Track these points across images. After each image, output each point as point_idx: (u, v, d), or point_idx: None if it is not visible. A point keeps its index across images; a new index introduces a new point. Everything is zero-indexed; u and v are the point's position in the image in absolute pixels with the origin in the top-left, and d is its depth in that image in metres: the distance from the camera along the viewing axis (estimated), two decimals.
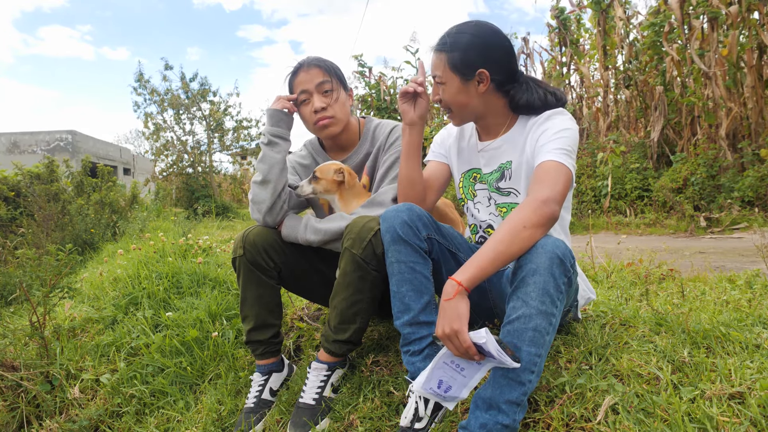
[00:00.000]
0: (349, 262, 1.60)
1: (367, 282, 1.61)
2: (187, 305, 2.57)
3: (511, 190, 1.61)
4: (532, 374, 1.23)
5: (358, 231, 1.59)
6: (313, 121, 1.84)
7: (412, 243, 1.47)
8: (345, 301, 1.64)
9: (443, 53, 1.54)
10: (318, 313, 2.48)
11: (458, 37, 1.53)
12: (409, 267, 1.47)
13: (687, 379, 1.35)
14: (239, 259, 1.76)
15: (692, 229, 6.04)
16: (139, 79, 14.22)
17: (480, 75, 1.52)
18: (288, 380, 1.91)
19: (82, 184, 6.91)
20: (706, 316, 1.81)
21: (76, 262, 4.95)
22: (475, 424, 1.24)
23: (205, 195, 13.88)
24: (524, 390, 1.23)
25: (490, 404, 1.24)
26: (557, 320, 1.27)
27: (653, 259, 3.18)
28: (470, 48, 1.51)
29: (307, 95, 1.83)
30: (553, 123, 1.49)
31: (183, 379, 2.14)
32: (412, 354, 1.47)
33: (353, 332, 1.68)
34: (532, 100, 1.55)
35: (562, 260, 1.25)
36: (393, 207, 1.53)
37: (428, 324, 1.46)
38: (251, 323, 1.81)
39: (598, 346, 1.55)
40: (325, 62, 1.86)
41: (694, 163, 7.15)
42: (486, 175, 1.66)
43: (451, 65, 1.52)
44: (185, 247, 3.46)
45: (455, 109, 1.59)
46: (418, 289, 1.47)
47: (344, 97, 1.89)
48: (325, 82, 1.82)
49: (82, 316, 2.75)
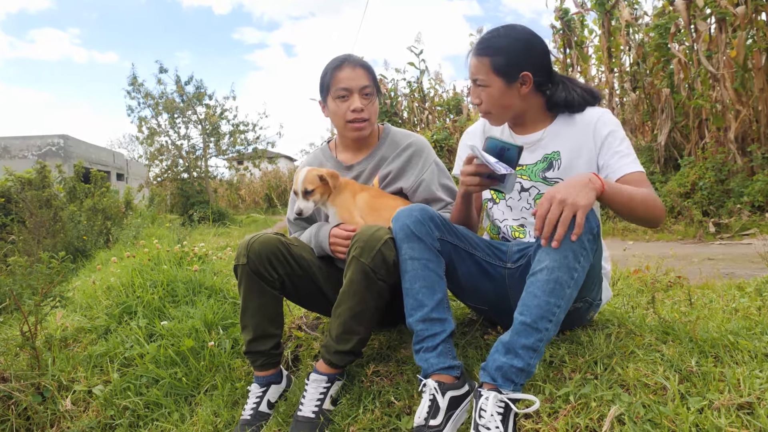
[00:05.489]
0: (356, 270, 1.60)
1: (373, 292, 1.61)
2: (182, 314, 2.57)
3: (559, 180, 1.66)
4: (550, 323, 1.35)
5: (366, 239, 1.59)
6: (348, 119, 1.93)
7: (425, 240, 1.52)
8: (349, 311, 1.64)
9: (486, 57, 1.62)
10: (317, 322, 2.48)
11: (500, 41, 1.61)
12: (423, 264, 1.51)
13: (695, 389, 1.36)
14: (242, 267, 1.75)
15: (701, 235, 6.05)
16: (133, 82, 14.28)
17: (523, 77, 1.61)
18: (286, 392, 1.91)
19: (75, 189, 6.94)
20: (714, 324, 1.82)
21: (68, 270, 4.96)
22: (492, 366, 1.38)
23: (201, 201, 13.90)
24: (540, 337, 1.35)
25: (507, 348, 1.37)
26: (580, 276, 1.37)
27: (660, 266, 3.19)
28: (513, 51, 1.60)
29: (347, 93, 1.92)
30: (613, 126, 1.63)
31: (178, 391, 2.14)
32: (426, 351, 1.49)
33: (356, 343, 1.68)
34: (570, 98, 1.66)
35: (587, 218, 1.34)
36: (407, 206, 1.59)
37: (441, 321, 1.50)
38: (251, 333, 1.81)
39: (603, 355, 1.56)
40: (369, 66, 1.98)
41: (703, 167, 7.16)
42: (530, 166, 1.72)
43: (494, 68, 1.60)
44: (180, 254, 3.46)
45: (496, 111, 1.67)
46: (431, 287, 1.51)
47: (377, 103, 2.01)
48: (368, 87, 1.94)
49: (74, 325, 2.76)
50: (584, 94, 1.67)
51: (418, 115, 13.09)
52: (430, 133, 9.85)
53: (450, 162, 9.21)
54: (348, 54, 1.97)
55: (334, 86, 1.93)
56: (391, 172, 1.97)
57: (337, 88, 1.92)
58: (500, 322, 1.86)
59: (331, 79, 1.93)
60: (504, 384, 1.36)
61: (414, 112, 13.17)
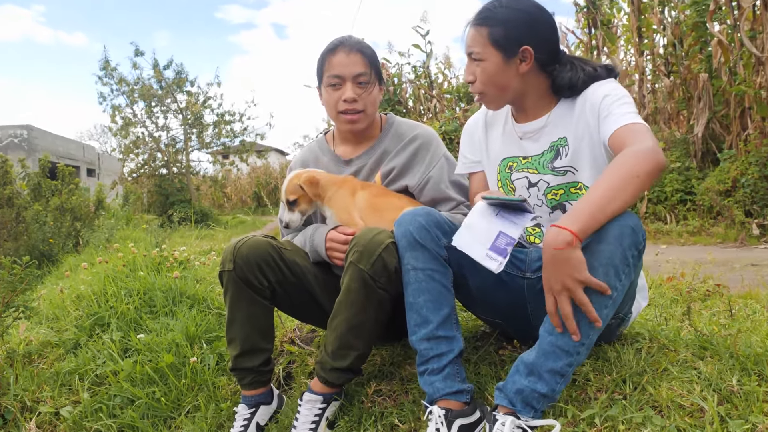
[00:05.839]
0: (354, 278, 1.60)
1: (373, 302, 1.61)
2: (161, 326, 2.58)
3: (568, 169, 1.65)
4: (583, 346, 1.34)
5: (365, 244, 1.59)
6: (340, 110, 1.93)
7: (430, 249, 1.51)
8: (346, 323, 1.64)
9: (484, 27, 1.60)
10: (312, 335, 2.49)
11: (501, 11, 1.59)
12: (427, 275, 1.51)
13: (736, 410, 1.36)
14: (228, 274, 1.75)
15: (743, 238, 6.04)
16: (105, 66, 14.33)
17: (523, 53, 1.59)
18: (278, 413, 1.92)
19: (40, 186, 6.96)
20: (758, 338, 1.82)
21: (32, 277, 4.98)
22: (512, 389, 1.37)
23: (182, 199, 13.94)
24: (570, 361, 1.34)
25: (531, 370, 1.36)
26: (620, 295, 1.36)
27: (697, 273, 3.18)
28: (514, 22, 1.58)
29: (340, 80, 1.91)
30: (611, 89, 1.55)
31: (156, 412, 2.15)
32: (431, 373, 1.49)
33: (354, 359, 1.68)
34: (575, 79, 1.61)
35: (634, 230, 1.33)
36: (410, 210, 1.58)
37: (448, 339, 1.49)
38: (238, 348, 1.81)
39: (633, 372, 1.56)
40: (368, 50, 1.96)
41: (745, 162, 7.14)
42: (536, 158, 1.70)
43: (492, 40, 1.59)
44: (159, 259, 3.47)
45: (491, 92, 1.65)
46: (437, 300, 1.50)
47: (377, 92, 1.98)
48: (364, 74, 1.92)
49: (39, 339, 2.77)
50: (592, 71, 1.62)
51: (425, 104, 13.08)
52: (438, 124, 9.86)
53: None
54: (346, 36, 1.96)
55: (326, 73, 1.94)
56: (394, 168, 1.98)
57: (329, 75, 1.93)
58: (517, 336, 1.86)
59: (325, 64, 1.94)
60: (523, 410, 1.35)
61: (420, 100, 13.16)
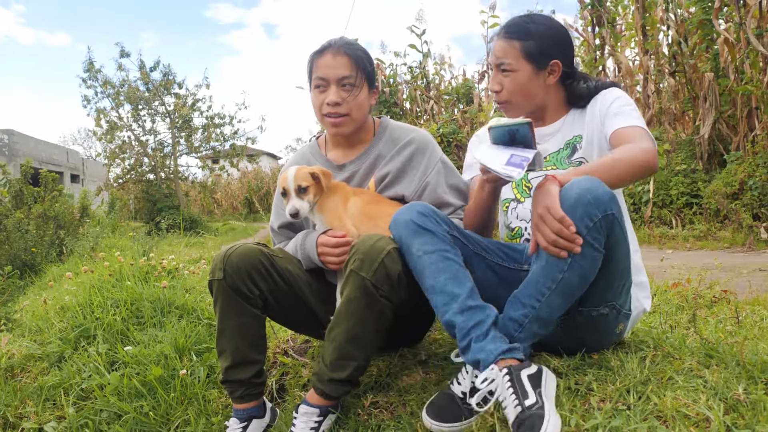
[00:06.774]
0: (355, 286, 1.60)
1: (374, 311, 1.62)
2: (149, 338, 2.58)
3: (582, 160, 1.83)
4: (538, 302, 1.50)
5: (366, 250, 1.59)
6: (324, 113, 1.96)
7: (435, 232, 1.58)
8: (346, 333, 1.64)
9: (517, 41, 1.79)
10: (306, 346, 2.50)
11: (533, 26, 1.80)
12: (441, 256, 1.56)
13: (742, 420, 1.37)
14: (217, 283, 1.75)
15: (750, 243, 6.07)
16: (89, 68, 14.31)
17: (552, 66, 1.81)
18: (271, 427, 1.92)
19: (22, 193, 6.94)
20: (765, 345, 1.83)
21: (14, 288, 4.97)
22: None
23: (170, 206, 13.91)
24: (526, 312, 1.52)
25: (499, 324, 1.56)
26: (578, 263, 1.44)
27: (703, 279, 3.21)
28: (545, 37, 1.79)
29: (325, 83, 1.94)
30: (620, 94, 1.79)
31: (144, 427, 2.15)
32: (476, 340, 1.50)
33: (353, 371, 1.68)
34: (587, 91, 1.85)
35: (591, 193, 1.41)
36: (404, 206, 1.66)
37: (481, 307, 1.54)
38: (229, 359, 1.81)
39: (637, 381, 1.57)
40: (356, 51, 1.97)
41: (753, 164, 7.19)
42: (553, 155, 1.89)
43: (525, 53, 1.79)
44: (147, 268, 3.47)
45: (518, 100, 1.85)
46: (456, 277, 1.55)
47: (365, 96, 1.99)
48: (349, 77, 1.93)
49: (22, 352, 2.76)
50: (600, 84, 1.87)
51: (422, 105, 13.10)
52: (435, 126, 9.86)
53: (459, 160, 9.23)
54: (337, 38, 1.98)
55: (313, 74, 1.97)
56: (389, 173, 1.99)
57: (315, 77, 1.96)
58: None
59: (312, 66, 1.98)
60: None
61: (417, 102, 13.19)
